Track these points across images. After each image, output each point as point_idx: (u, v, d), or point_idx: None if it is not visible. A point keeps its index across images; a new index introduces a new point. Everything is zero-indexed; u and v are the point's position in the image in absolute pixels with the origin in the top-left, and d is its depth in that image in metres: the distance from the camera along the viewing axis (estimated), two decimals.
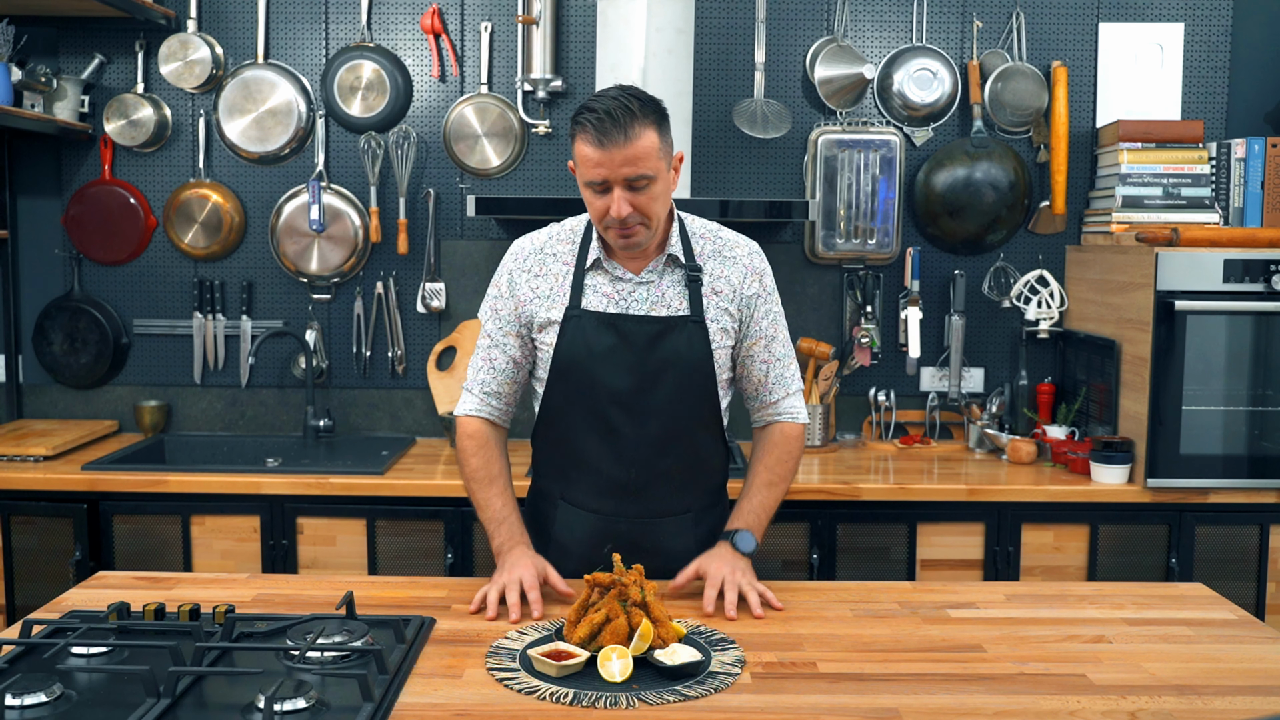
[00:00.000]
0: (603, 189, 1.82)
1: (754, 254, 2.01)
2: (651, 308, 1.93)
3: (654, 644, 1.58)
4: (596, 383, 1.93)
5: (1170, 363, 2.79)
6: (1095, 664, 1.63)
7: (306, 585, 1.99)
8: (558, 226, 2.03)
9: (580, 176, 1.86)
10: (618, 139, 1.77)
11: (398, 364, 3.39)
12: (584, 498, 2.01)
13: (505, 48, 3.32)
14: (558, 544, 2.04)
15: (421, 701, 1.47)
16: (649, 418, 1.95)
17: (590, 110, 1.80)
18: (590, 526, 2.01)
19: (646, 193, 1.82)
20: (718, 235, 2.00)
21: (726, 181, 3.35)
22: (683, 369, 1.93)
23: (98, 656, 1.59)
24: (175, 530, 2.85)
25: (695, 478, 2.03)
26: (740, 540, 1.93)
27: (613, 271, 1.95)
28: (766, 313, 2.00)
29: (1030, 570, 2.85)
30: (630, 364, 1.92)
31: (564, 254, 1.98)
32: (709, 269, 1.96)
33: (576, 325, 1.93)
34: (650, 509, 2.00)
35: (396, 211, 3.32)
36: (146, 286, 3.40)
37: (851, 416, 3.41)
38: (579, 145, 1.82)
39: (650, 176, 1.81)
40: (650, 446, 1.96)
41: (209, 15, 3.32)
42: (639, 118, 1.79)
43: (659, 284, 1.95)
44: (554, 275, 1.97)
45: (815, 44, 3.32)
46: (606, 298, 1.94)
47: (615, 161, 1.78)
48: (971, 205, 3.27)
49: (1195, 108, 3.34)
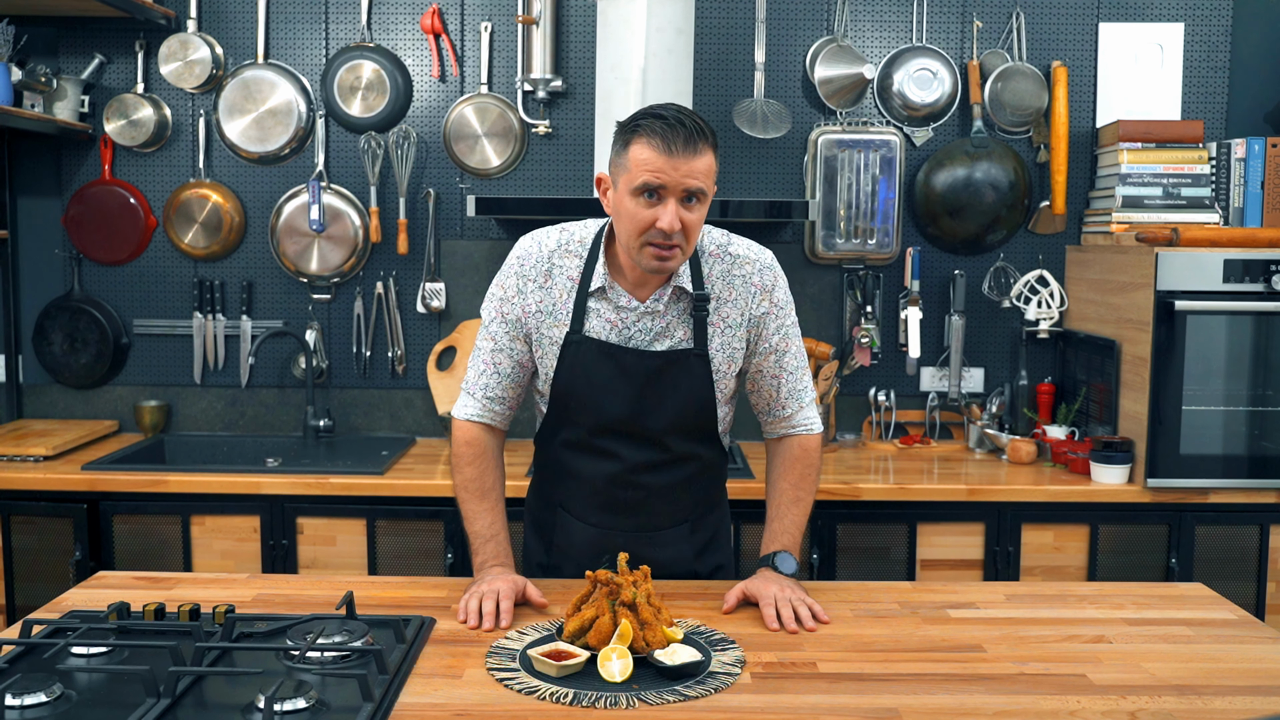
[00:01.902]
0: (655, 198, 1.73)
1: (764, 270, 1.92)
2: (655, 339, 1.88)
3: (635, 646, 1.58)
4: (594, 411, 1.91)
5: (1170, 363, 2.79)
6: (1095, 664, 1.63)
7: (306, 585, 1.99)
8: (566, 235, 1.92)
9: (628, 181, 1.74)
10: (686, 150, 1.71)
11: (398, 364, 3.39)
12: (581, 510, 2.00)
13: (505, 48, 3.32)
14: (558, 550, 2.04)
15: (421, 701, 1.47)
16: (646, 443, 1.92)
17: (656, 116, 1.73)
18: (587, 537, 2.00)
19: (696, 212, 1.75)
20: (727, 251, 1.91)
21: (726, 181, 3.35)
22: (683, 402, 1.90)
23: (98, 656, 1.58)
24: (175, 530, 2.85)
25: (693, 490, 2.01)
26: (781, 562, 1.90)
27: (616, 300, 1.87)
28: (779, 328, 1.94)
29: (1030, 570, 2.85)
30: (629, 396, 1.89)
31: (570, 268, 1.90)
32: (717, 292, 1.89)
33: (577, 351, 1.88)
34: (647, 522, 1.99)
35: (396, 211, 3.32)
36: (146, 286, 3.40)
37: (851, 416, 3.41)
38: (638, 148, 1.73)
39: (705, 194, 1.75)
40: (647, 469, 1.94)
41: (209, 15, 3.32)
42: (706, 136, 1.74)
43: (664, 314, 1.88)
44: (558, 290, 1.90)
45: (815, 44, 3.32)
46: (610, 325, 1.88)
47: (679, 171, 1.71)
48: (971, 205, 3.27)
49: (1195, 108, 3.34)
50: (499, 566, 1.91)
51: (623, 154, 1.76)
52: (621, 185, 1.77)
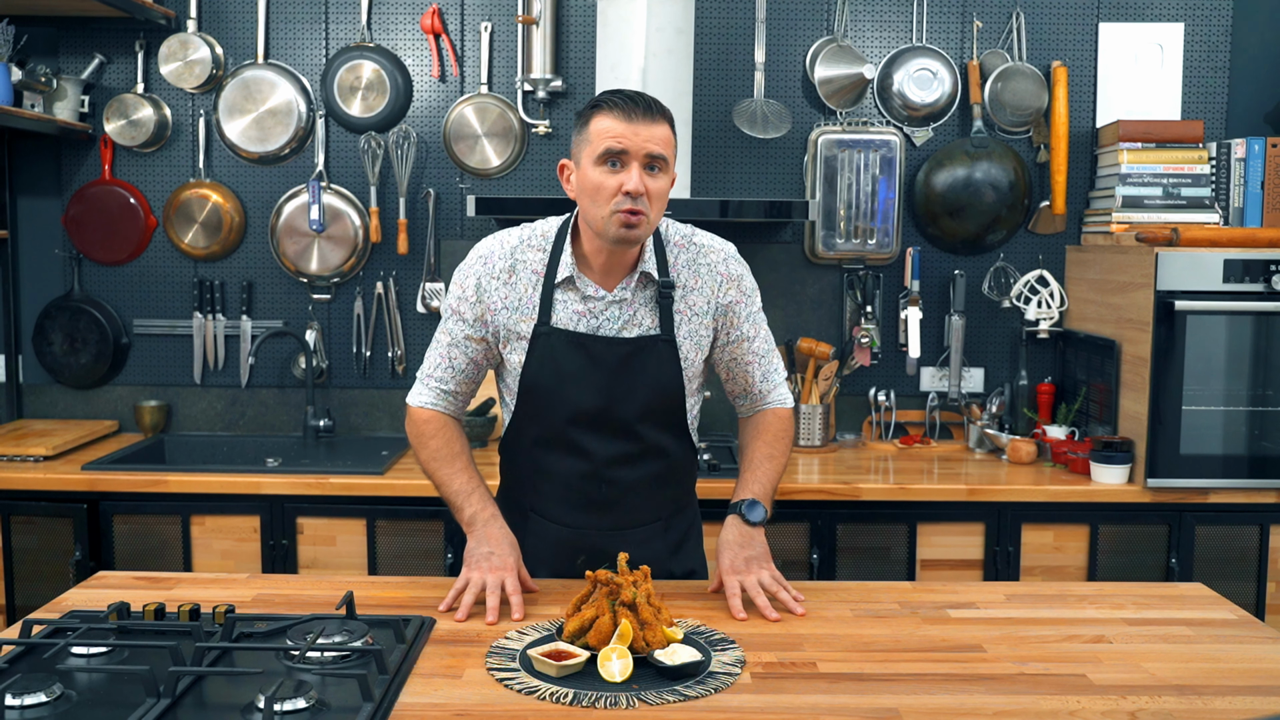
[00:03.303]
0: (618, 164, 1.78)
1: (729, 259, 1.96)
2: (623, 327, 1.90)
3: (635, 646, 1.58)
4: (564, 402, 1.91)
5: (1170, 363, 2.79)
6: (1095, 664, 1.63)
7: (306, 585, 1.99)
8: (528, 230, 1.94)
9: (591, 152, 1.79)
10: (644, 117, 1.78)
11: (398, 364, 3.39)
12: (554, 511, 2.00)
13: (505, 48, 3.32)
14: (530, 554, 2.01)
15: (421, 701, 1.47)
16: (617, 435, 1.93)
17: (613, 93, 1.82)
18: (561, 538, 2.00)
19: (658, 181, 1.80)
20: (691, 241, 1.95)
21: (726, 181, 3.35)
22: (652, 388, 1.91)
23: (98, 656, 1.58)
24: (175, 530, 2.85)
25: (665, 487, 2.02)
26: (749, 510, 1.91)
27: (584, 290, 1.89)
28: (748, 315, 1.97)
29: (1030, 570, 2.85)
30: (599, 385, 1.90)
31: (534, 262, 1.92)
32: (683, 280, 1.92)
33: (545, 343, 1.89)
34: (620, 521, 1.98)
35: (396, 211, 3.32)
36: (146, 286, 3.40)
37: (851, 416, 3.41)
38: (598, 121, 1.79)
39: (665, 161, 1.80)
40: (619, 463, 1.94)
41: (209, 15, 3.32)
42: (662, 111, 1.82)
43: (631, 302, 1.90)
44: (523, 285, 1.91)
45: (815, 44, 3.32)
46: (577, 315, 1.89)
47: (640, 135, 1.77)
48: (971, 205, 3.27)
49: (1195, 108, 3.34)
50: (494, 521, 1.91)
51: (584, 130, 1.82)
52: (584, 160, 1.81)
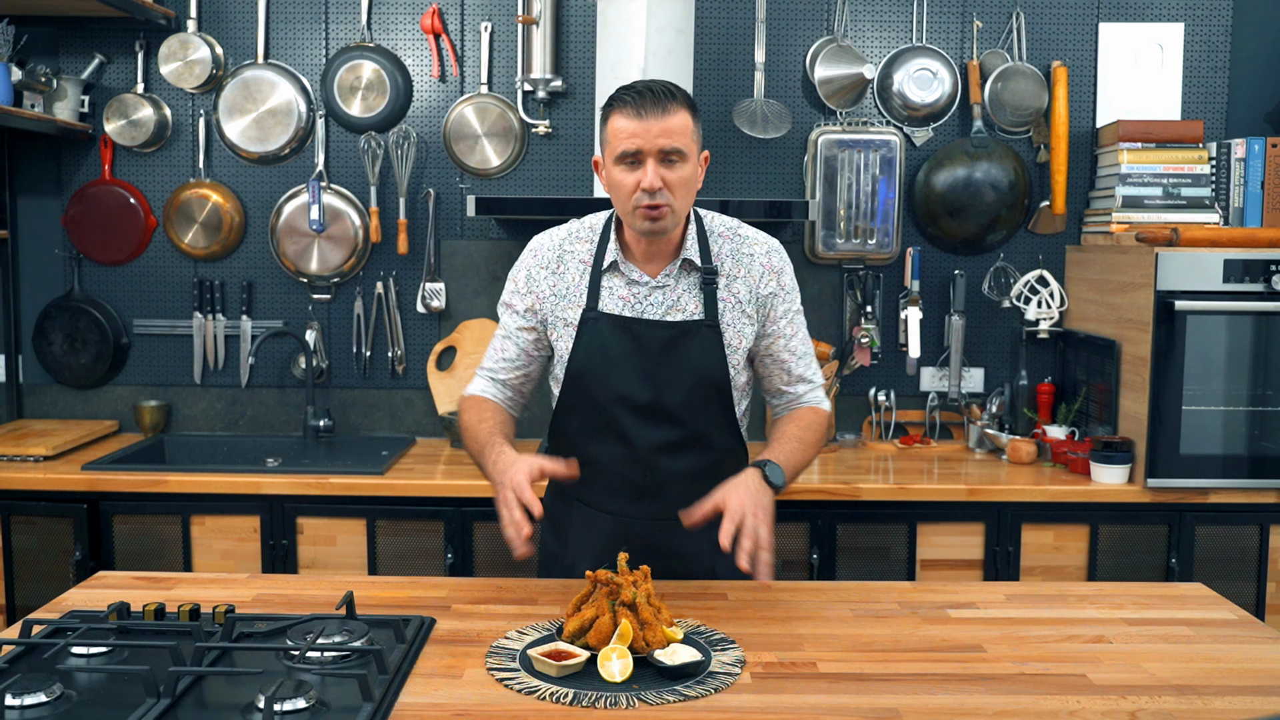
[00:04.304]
0: (635, 162, 1.82)
1: (773, 252, 1.99)
2: (667, 312, 1.93)
3: (635, 646, 1.58)
4: (611, 387, 1.93)
5: (1170, 363, 2.79)
6: (1095, 664, 1.63)
7: (306, 585, 1.99)
8: (577, 224, 2.02)
9: (610, 153, 1.85)
10: (655, 111, 1.80)
11: (398, 364, 3.39)
12: (599, 499, 2.01)
13: (505, 48, 3.32)
14: (574, 545, 2.04)
15: (421, 701, 1.47)
16: (663, 422, 1.94)
17: (627, 89, 1.84)
18: (606, 528, 2.01)
19: (677, 171, 1.83)
20: (736, 233, 2.00)
21: (726, 181, 3.35)
22: (697, 373, 1.93)
23: (98, 656, 1.58)
24: (175, 530, 2.85)
25: (712, 480, 1.99)
26: (772, 471, 1.84)
27: (629, 274, 1.94)
28: (785, 311, 1.99)
29: (1030, 570, 2.85)
30: (645, 369, 1.92)
31: (582, 253, 1.98)
32: (726, 269, 1.96)
33: (593, 328, 1.93)
34: (666, 511, 1.97)
35: (396, 211, 3.32)
36: (146, 286, 3.40)
37: (851, 416, 3.41)
38: (614, 121, 1.83)
39: (683, 152, 1.82)
40: (665, 450, 1.95)
41: (209, 15, 3.32)
42: (675, 98, 1.83)
43: (674, 288, 1.94)
44: (572, 274, 1.97)
45: (815, 44, 3.32)
46: (623, 300, 1.94)
47: (652, 132, 1.80)
48: (971, 205, 3.27)
49: (1195, 108, 3.34)
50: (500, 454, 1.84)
51: (604, 131, 1.88)
52: (607, 159, 1.88)
